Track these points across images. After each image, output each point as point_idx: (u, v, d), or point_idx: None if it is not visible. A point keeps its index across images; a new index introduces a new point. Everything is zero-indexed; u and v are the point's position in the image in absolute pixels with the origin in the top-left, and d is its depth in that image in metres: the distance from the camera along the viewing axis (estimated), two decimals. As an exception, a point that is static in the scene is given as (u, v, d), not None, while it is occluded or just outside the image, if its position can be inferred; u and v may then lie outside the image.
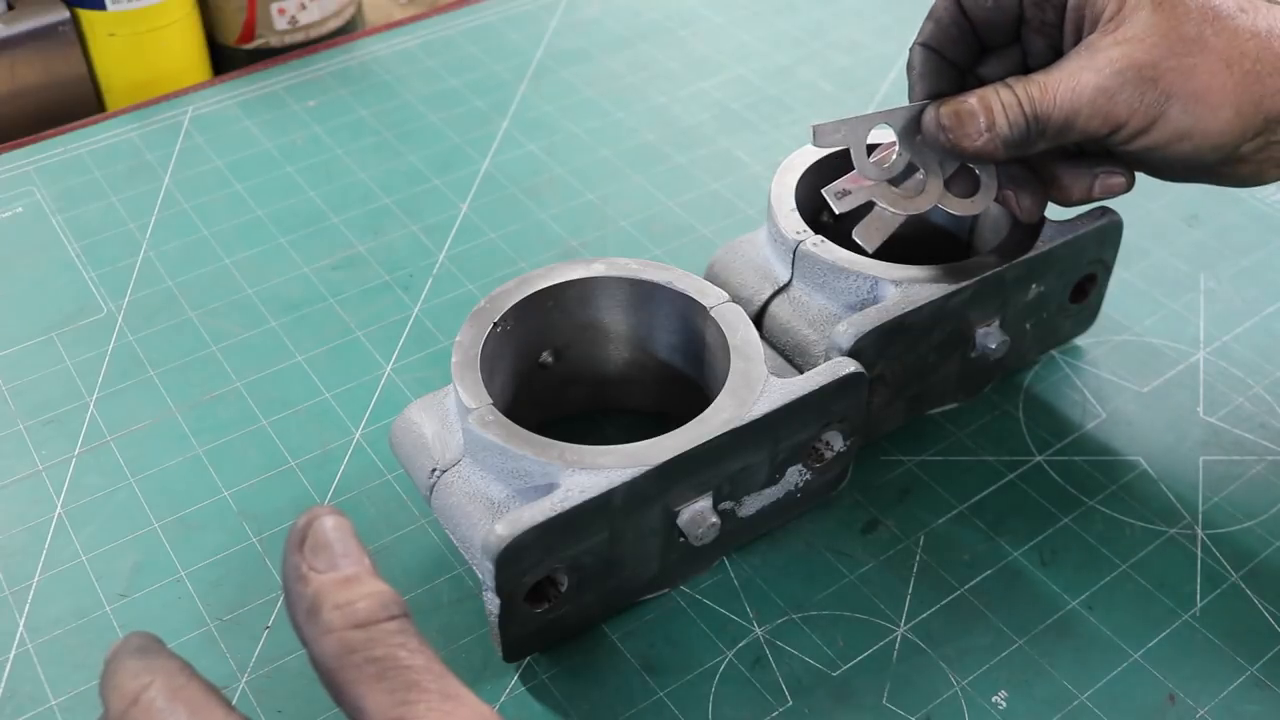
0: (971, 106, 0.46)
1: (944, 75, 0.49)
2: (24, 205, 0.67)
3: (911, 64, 0.49)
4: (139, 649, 0.30)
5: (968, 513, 0.51)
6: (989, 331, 0.51)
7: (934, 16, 0.48)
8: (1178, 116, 0.43)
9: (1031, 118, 0.45)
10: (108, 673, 0.30)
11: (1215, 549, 0.50)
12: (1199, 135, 0.44)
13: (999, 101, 0.45)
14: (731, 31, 0.82)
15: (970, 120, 0.46)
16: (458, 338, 0.47)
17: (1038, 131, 0.45)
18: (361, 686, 0.28)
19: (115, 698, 0.29)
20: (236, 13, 0.80)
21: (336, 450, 0.53)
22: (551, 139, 0.72)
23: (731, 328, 0.47)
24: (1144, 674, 0.45)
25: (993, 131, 0.45)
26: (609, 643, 0.46)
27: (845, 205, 0.48)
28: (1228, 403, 0.56)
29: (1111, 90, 0.43)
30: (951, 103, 0.47)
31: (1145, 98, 0.43)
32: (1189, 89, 0.43)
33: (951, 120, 0.46)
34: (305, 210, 0.66)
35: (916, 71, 0.49)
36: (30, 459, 0.53)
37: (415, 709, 0.28)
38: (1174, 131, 0.44)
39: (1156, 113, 0.43)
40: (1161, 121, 0.44)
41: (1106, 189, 0.49)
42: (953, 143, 0.47)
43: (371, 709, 0.28)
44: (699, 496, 0.45)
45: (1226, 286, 0.62)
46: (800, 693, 0.45)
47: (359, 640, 0.29)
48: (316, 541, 0.30)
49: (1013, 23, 0.48)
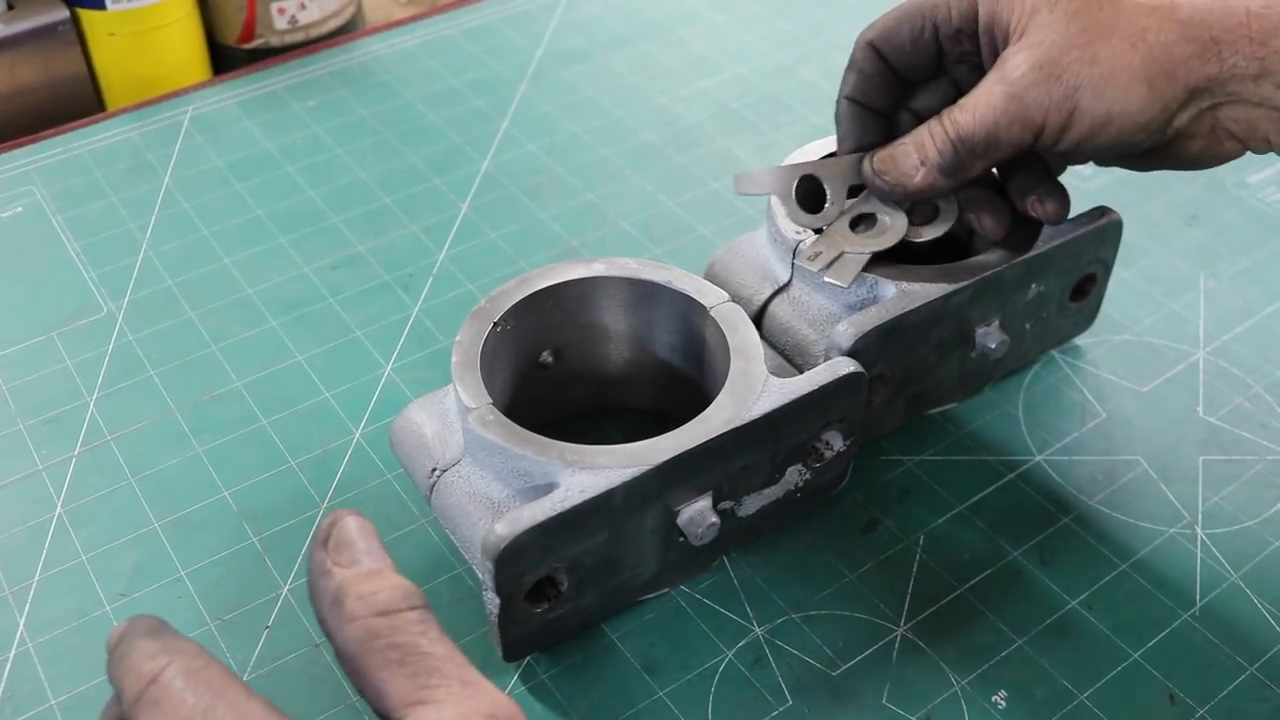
0: (905, 147, 0.48)
1: (869, 126, 0.50)
2: (24, 205, 0.67)
3: (838, 118, 0.50)
4: (151, 631, 0.30)
5: (968, 513, 0.51)
6: (989, 331, 0.51)
7: (855, 68, 0.49)
8: (1090, 104, 0.44)
9: (957, 141, 0.46)
10: (119, 654, 0.30)
11: (1215, 549, 0.50)
12: (1118, 118, 0.44)
13: (927, 134, 0.47)
14: (731, 31, 0.82)
15: (905, 159, 0.48)
16: (458, 337, 0.47)
17: (968, 154, 0.46)
18: (384, 672, 0.29)
19: (131, 679, 0.29)
20: (236, 12, 0.80)
21: (336, 450, 0.53)
22: (551, 139, 0.72)
23: (731, 328, 0.47)
24: (1144, 674, 0.45)
25: (927, 165, 0.47)
26: (609, 642, 0.46)
27: (820, 264, 0.50)
28: (1228, 403, 0.56)
29: (1020, 94, 0.44)
30: (884, 149, 0.49)
31: (1053, 93, 0.44)
32: (1095, 74, 0.43)
33: (886, 165, 0.48)
34: (305, 210, 0.66)
35: (844, 126, 0.50)
36: (30, 459, 0.53)
37: (435, 693, 0.29)
38: (1093, 120, 0.44)
39: (1069, 106, 0.44)
40: (1078, 113, 0.44)
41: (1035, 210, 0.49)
42: (892, 185, 0.48)
43: (393, 693, 0.29)
44: (699, 496, 0.45)
45: (1226, 286, 0.62)
46: (800, 692, 0.45)
47: (382, 627, 0.30)
48: (340, 539, 0.32)
49: (933, 60, 0.49)
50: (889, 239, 0.50)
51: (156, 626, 0.30)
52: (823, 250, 0.50)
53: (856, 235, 0.50)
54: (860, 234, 0.50)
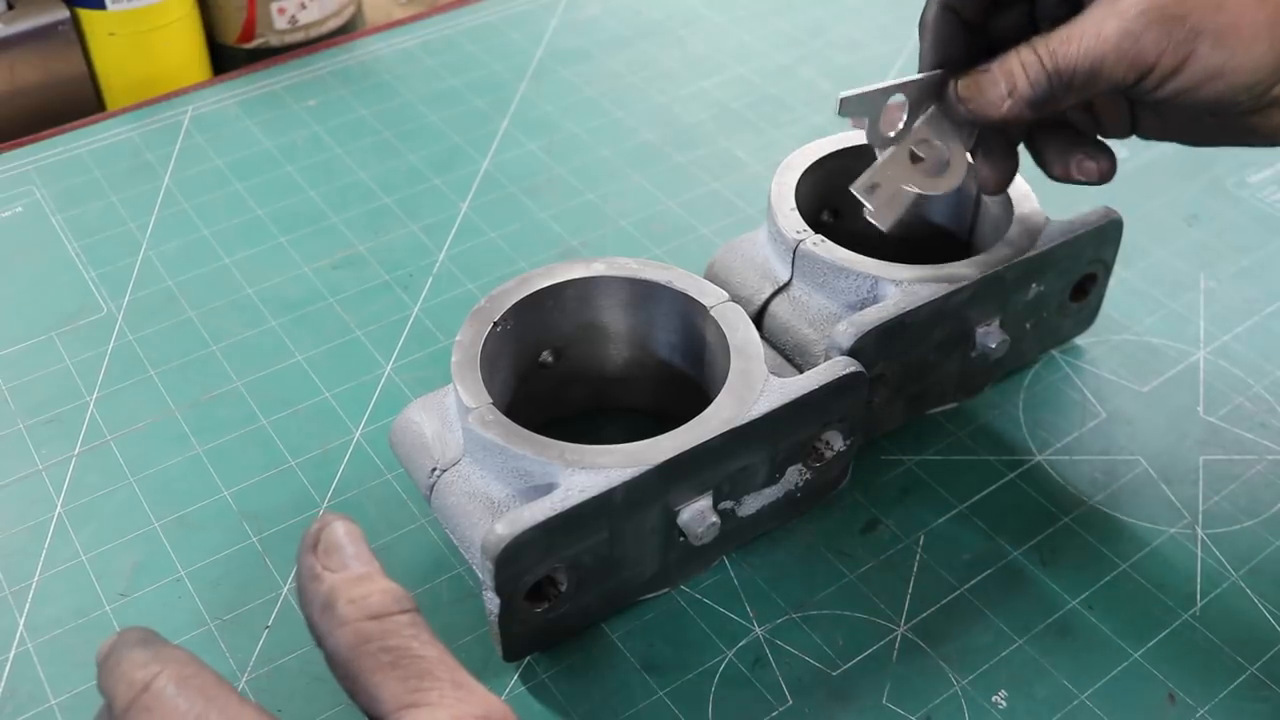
0: (992, 74, 0.45)
1: (958, 38, 0.47)
2: (24, 205, 0.67)
3: (924, 25, 0.47)
4: (141, 640, 0.30)
5: (968, 512, 0.51)
6: (989, 331, 0.51)
7: None
8: (1208, 53, 0.41)
9: (1054, 73, 0.43)
10: (109, 664, 0.30)
11: (1215, 549, 0.50)
12: (1231, 73, 0.42)
13: (1018, 63, 0.44)
14: (731, 31, 0.82)
15: (991, 88, 0.45)
16: (458, 337, 0.47)
17: (1062, 87, 0.43)
18: (377, 675, 0.29)
19: (122, 688, 0.29)
20: (236, 12, 0.80)
21: (336, 450, 0.53)
22: (551, 139, 0.72)
23: (731, 327, 0.47)
24: (1144, 674, 0.45)
25: (1015, 95, 0.44)
26: (609, 642, 0.46)
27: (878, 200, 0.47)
28: (1228, 402, 0.56)
29: (1137, 32, 0.42)
30: (969, 75, 0.46)
31: (1173, 36, 0.41)
32: (1219, 23, 0.41)
33: (971, 91, 0.45)
34: (305, 210, 0.66)
35: (930, 35, 0.47)
36: (30, 459, 0.53)
37: (428, 696, 0.29)
38: (1205, 70, 0.42)
39: (1185, 51, 0.42)
40: (1191, 60, 0.42)
41: (1084, 171, 0.47)
42: (974, 113, 0.46)
43: (386, 697, 0.29)
44: (699, 496, 0.45)
45: (1226, 286, 0.62)
46: (800, 692, 0.45)
47: (373, 631, 0.30)
48: (329, 544, 0.31)
49: None
50: (944, 184, 0.47)
51: (147, 637, 0.30)
52: (879, 183, 0.47)
53: (915, 170, 0.47)
54: (918, 169, 0.47)
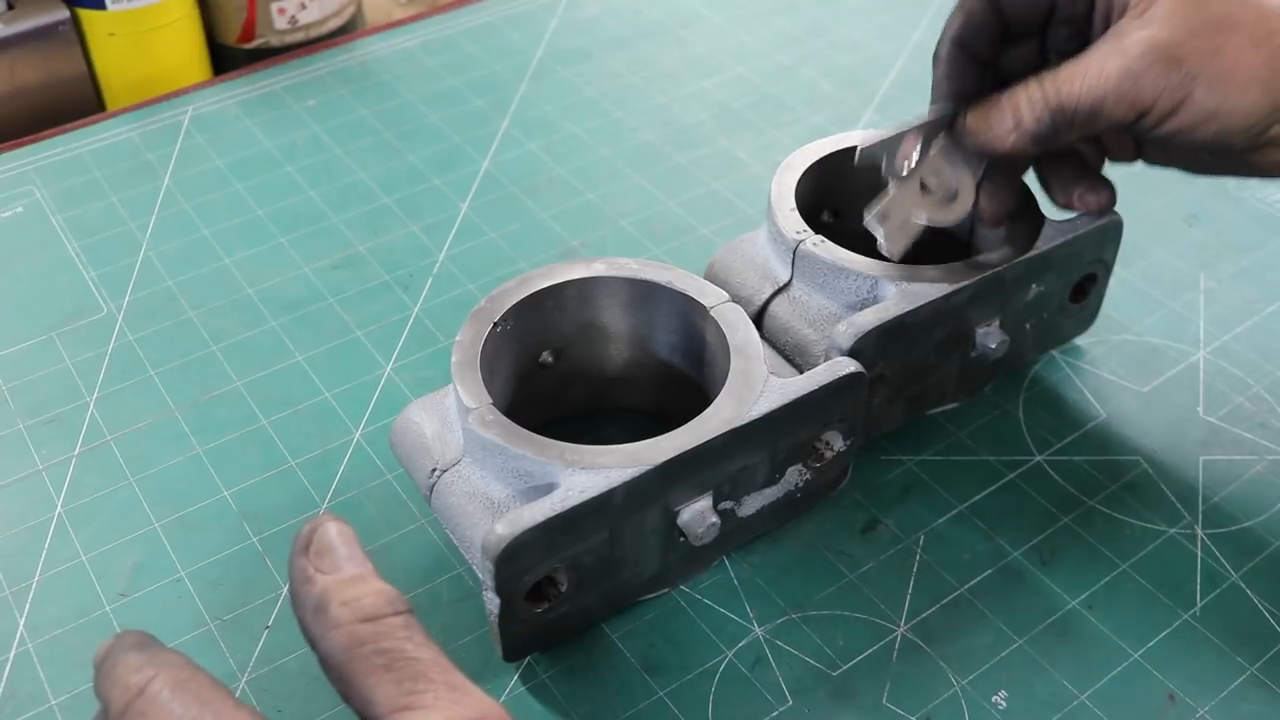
0: (1000, 109, 0.46)
1: (969, 73, 0.48)
2: (24, 205, 0.67)
3: (938, 59, 0.49)
4: (137, 644, 0.30)
5: (968, 513, 0.51)
6: (989, 331, 0.51)
7: (965, 8, 0.48)
8: (1204, 96, 0.43)
9: (1057, 109, 0.45)
10: (105, 669, 0.30)
11: (1215, 549, 0.50)
12: (1226, 115, 0.43)
13: (1025, 98, 0.46)
14: (731, 31, 0.82)
15: (999, 122, 0.46)
16: (458, 337, 0.47)
17: (1065, 123, 0.45)
18: (371, 678, 0.29)
19: (118, 692, 0.29)
20: (236, 12, 0.80)
21: (336, 450, 0.53)
22: (551, 139, 0.72)
23: (731, 327, 0.47)
24: (1144, 674, 0.45)
25: (1019, 130, 0.46)
26: (609, 643, 0.46)
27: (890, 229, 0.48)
28: (1228, 402, 0.56)
29: (1137, 73, 0.43)
30: (979, 108, 0.47)
31: (1170, 78, 0.43)
32: (1215, 69, 0.43)
33: (979, 124, 0.47)
34: (305, 210, 0.66)
35: (943, 69, 0.48)
36: (30, 459, 0.53)
37: (422, 698, 0.29)
38: (1201, 113, 0.43)
39: (1182, 94, 0.43)
40: (1188, 103, 0.43)
41: (1084, 204, 0.50)
42: (982, 146, 0.47)
43: (380, 700, 0.29)
44: (699, 496, 0.45)
45: (1226, 286, 0.62)
46: (800, 693, 0.45)
47: (367, 633, 0.30)
48: (321, 545, 0.31)
49: (1044, 13, 0.48)
50: (952, 214, 0.49)
51: (143, 641, 0.30)
52: (891, 213, 0.49)
53: (924, 200, 0.49)
54: (928, 199, 0.49)
